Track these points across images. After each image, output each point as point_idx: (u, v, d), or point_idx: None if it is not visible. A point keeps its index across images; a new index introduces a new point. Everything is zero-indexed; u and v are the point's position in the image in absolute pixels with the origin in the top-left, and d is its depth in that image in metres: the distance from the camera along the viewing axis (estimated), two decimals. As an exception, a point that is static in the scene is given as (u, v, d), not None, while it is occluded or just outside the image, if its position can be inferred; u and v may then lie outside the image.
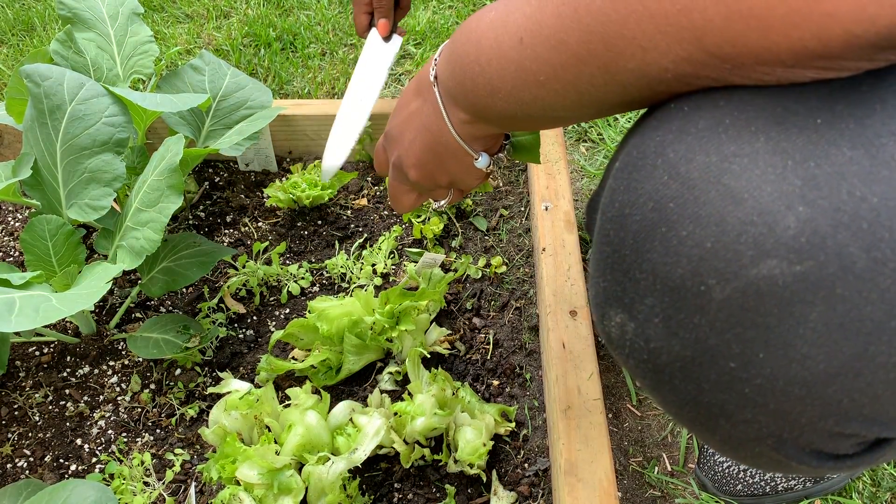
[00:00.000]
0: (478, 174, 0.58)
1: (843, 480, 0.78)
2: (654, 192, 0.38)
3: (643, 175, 0.39)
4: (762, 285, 0.35)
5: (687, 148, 0.37)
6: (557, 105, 0.43)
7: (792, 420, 0.38)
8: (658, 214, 0.38)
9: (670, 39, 0.35)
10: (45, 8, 1.64)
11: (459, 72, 0.48)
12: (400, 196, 0.65)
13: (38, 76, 0.81)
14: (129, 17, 1.03)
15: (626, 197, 0.41)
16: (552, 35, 0.39)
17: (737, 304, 0.36)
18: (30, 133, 0.82)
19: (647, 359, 0.42)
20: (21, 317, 0.63)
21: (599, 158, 1.20)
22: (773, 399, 0.38)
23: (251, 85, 1.04)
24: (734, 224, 0.35)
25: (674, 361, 0.41)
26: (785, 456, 0.41)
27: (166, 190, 0.77)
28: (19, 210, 1.12)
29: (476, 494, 0.76)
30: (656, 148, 0.39)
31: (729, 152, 0.36)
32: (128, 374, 0.89)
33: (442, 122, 0.53)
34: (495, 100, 0.46)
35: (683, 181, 0.37)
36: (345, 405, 0.77)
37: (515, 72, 0.43)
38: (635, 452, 0.85)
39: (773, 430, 0.40)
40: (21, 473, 0.80)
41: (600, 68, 0.38)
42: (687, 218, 0.37)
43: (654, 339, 0.41)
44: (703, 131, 0.37)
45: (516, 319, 0.93)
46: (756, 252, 0.34)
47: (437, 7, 1.57)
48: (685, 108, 0.38)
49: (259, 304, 0.96)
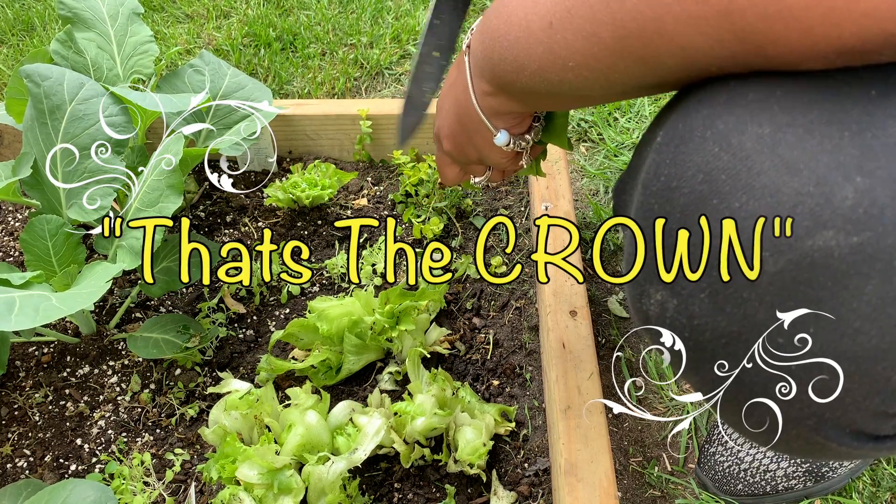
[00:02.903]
0: (502, 152, 0.58)
1: (844, 480, 0.78)
2: (703, 164, 0.38)
3: (691, 147, 0.39)
4: (817, 257, 0.34)
5: (738, 119, 0.37)
6: (585, 88, 0.42)
7: (837, 398, 0.38)
8: (709, 186, 0.37)
9: (712, 41, 0.34)
10: (45, 8, 1.64)
11: (489, 44, 0.48)
12: (443, 168, 0.66)
13: (38, 76, 0.81)
14: (130, 17, 1.03)
15: (672, 170, 0.40)
16: (583, 26, 0.39)
17: (789, 277, 0.35)
18: (30, 133, 0.82)
19: (689, 336, 0.41)
20: (21, 316, 0.63)
21: (599, 158, 1.20)
22: (819, 376, 0.37)
23: (251, 85, 1.04)
24: (790, 195, 0.34)
25: (718, 338, 0.40)
26: (824, 437, 0.41)
27: (166, 190, 0.77)
28: (19, 210, 1.12)
29: (476, 494, 0.76)
30: (704, 121, 0.38)
31: (783, 122, 0.35)
32: (128, 374, 0.89)
33: (468, 92, 0.53)
34: (521, 76, 0.45)
35: (735, 152, 0.36)
36: (345, 405, 0.77)
37: (543, 53, 0.42)
38: (635, 452, 0.85)
39: (815, 409, 0.39)
40: (21, 473, 0.80)
41: (636, 62, 0.38)
42: (740, 189, 0.36)
43: (698, 316, 0.40)
44: (754, 102, 0.36)
45: (516, 319, 0.93)
46: (812, 223, 0.34)
47: (437, 7, 1.57)
48: (731, 82, 0.38)
49: (259, 304, 0.96)
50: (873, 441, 0.41)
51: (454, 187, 1.06)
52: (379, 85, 1.39)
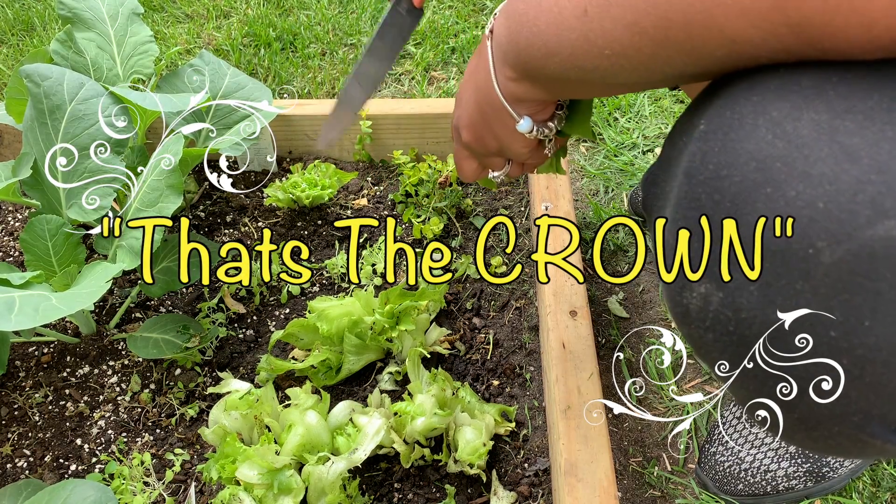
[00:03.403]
0: (524, 141, 0.56)
1: (844, 480, 0.78)
2: (756, 152, 0.36)
3: (742, 135, 0.37)
4: (878, 247, 0.33)
5: (792, 106, 0.35)
6: (621, 76, 0.41)
7: (887, 395, 0.36)
8: (762, 174, 0.36)
9: (765, 34, 0.33)
10: (45, 8, 1.64)
11: (515, 28, 0.46)
12: (461, 162, 0.63)
13: (38, 76, 0.81)
14: (129, 17, 1.03)
15: (722, 158, 0.38)
16: (623, 15, 0.37)
17: (847, 268, 0.34)
18: (29, 133, 0.82)
19: (734, 330, 0.40)
20: (21, 316, 0.63)
21: (599, 158, 1.20)
22: (871, 371, 0.36)
23: (251, 85, 1.04)
24: (850, 183, 0.33)
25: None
26: (868, 434, 0.39)
27: (166, 190, 0.77)
28: (19, 210, 1.12)
29: (476, 494, 0.76)
30: (755, 108, 0.37)
31: (840, 109, 0.34)
32: (128, 374, 0.89)
33: (490, 78, 0.51)
34: (549, 62, 0.44)
35: (791, 139, 0.35)
36: (345, 405, 0.77)
37: (577, 41, 0.41)
38: (635, 452, 0.84)
39: (862, 406, 0.38)
40: (21, 473, 0.80)
41: (680, 53, 0.37)
42: (796, 177, 0.35)
43: (745, 309, 0.39)
44: (809, 89, 0.35)
45: (516, 319, 0.93)
46: (873, 212, 0.33)
47: (437, 7, 1.57)
48: (780, 70, 0.37)
49: (259, 304, 0.96)
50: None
51: (454, 187, 1.06)
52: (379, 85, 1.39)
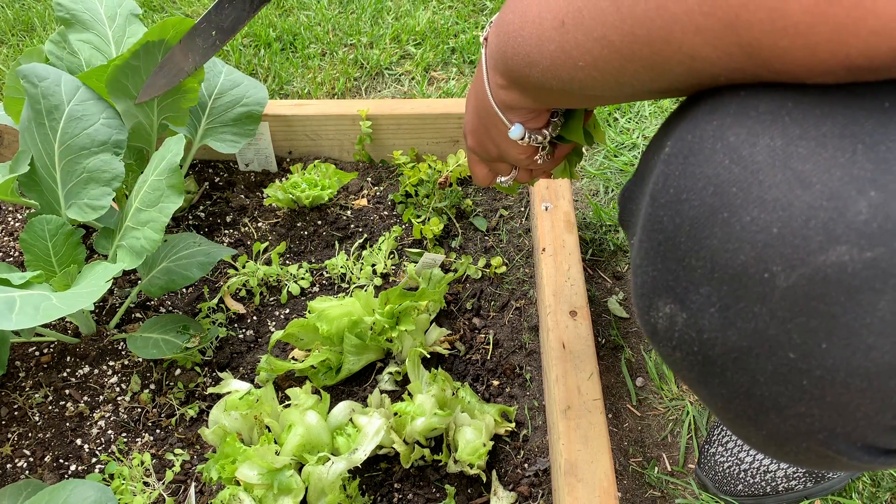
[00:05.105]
0: (519, 148, 0.58)
1: (844, 480, 0.78)
2: (714, 177, 0.37)
3: (701, 159, 0.38)
4: (830, 272, 0.33)
5: (749, 131, 0.36)
6: (595, 88, 0.42)
7: (848, 413, 0.37)
8: (719, 199, 0.37)
9: (718, 52, 0.34)
10: (45, 8, 1.64)
11: (503, 38, 0.48)
12: (472, 167, 0.67)
13: (36, 76, 0.81)
14: (128, 19, 1.02)
15: (682, 182, 0.39)
16: (594, 28, 0.39)
17: (802, 292, 0.34)
18: (27, 133, 0.82)
19: (698, 350, 0.41)
20: (21, 315, 0.63)
21: (599, 158, 1.20)
22: (831, 391, 0.36)
23: (246, 82, 1.04)
24: (802, 209, 0.34)
25: (728, 353, 0.39)
26: (835, 451, 0.40)
27: (166, 190, 0.77)
28: (19, 210, 1.12)
29: (476, 494, 0.76)
30: (714, 132, 0.38)
31: (794, 135, 0.34)
32: (128, 374, 0.88)
33: (484, 85, 0.54)
34: (532, 71, 0.46)
35: (746, 165, 0.36)
36: (345, 405, 0.77)
37: (555, 51, 0.42)
38: (635, 452, 0.84)
39: (826, 424, 0.38)
40: (21, 473, 0.80)
41: (645, 67, 0.38)
42: (751, 202, 0.35)
43: (707, 330, 0.39)
44: (765, 114, 0.36)
45: (516, 319, 0.93)
46: (825, 238, 0.33)
47: (437, 7, 1.57)
48: (741, 93, 0.37)
49: (259, 304, 0.96)
50: (884, 455, 0.41)
51: (454, 187, 1.06)
52: (379, 85, 1.39)
